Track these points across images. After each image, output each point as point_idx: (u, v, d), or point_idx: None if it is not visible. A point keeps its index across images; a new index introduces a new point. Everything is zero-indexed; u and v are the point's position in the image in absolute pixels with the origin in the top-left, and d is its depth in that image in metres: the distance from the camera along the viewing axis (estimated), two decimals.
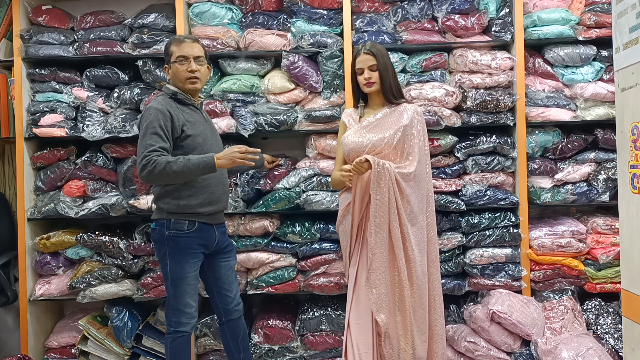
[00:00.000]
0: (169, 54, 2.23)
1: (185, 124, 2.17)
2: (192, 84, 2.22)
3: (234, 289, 2.36)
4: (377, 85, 2.29)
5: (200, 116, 2.29)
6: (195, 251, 2.20)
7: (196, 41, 2.26)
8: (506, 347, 2.63)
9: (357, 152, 2.27)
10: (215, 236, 2.27)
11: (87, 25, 2.90)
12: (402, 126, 2.24)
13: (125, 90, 2.83)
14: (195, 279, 2.23)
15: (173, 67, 2.22)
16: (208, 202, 2.21)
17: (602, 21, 2.76)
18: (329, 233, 2.78)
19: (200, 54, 2.23)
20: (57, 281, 2.88)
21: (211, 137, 2.28)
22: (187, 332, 2.21)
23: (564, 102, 2.82)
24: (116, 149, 2.86)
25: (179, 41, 2.23)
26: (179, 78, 2.22)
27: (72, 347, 2.93)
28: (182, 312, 2.18)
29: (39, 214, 2.86)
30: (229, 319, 2.35)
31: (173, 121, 2.13)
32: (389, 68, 2.29)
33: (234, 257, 2.43)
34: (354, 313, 2.21)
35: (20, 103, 2.86)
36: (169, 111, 2.13)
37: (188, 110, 2.24)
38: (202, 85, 2.29)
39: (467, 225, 2.78)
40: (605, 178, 2.79)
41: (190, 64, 2.20)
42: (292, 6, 2.84)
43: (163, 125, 2.10)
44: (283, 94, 2.83)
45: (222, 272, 2.33)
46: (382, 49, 2.31)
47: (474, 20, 2.81)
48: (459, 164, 2.84)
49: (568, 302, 2.77)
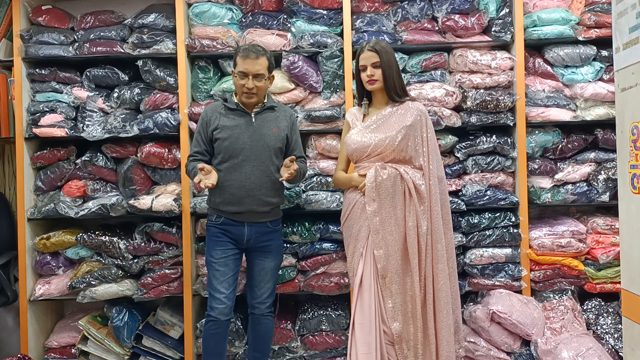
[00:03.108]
0: (235, 63, 2.34)
1: (217, 128, 2.33)
2: (248, 99, 2.33)
3: (262, 287, 2.41)
4: (379, 83, 2.27)
5: (245, 121, 2.34)
6: (221, 240, 2.35)
7: (262, 56, 2.31)
8: (506, 347, 2.63)
9: (360, 152, 2.27)
10: (244, 233, 2.34)
11: (87, 25, 2.90)
12: (405, 126, 2.22)
13: (125, 90, 2.84)
14: (224, 266, 2.33)
15: (234, 78, 2.35)
16: (228, 202, 2.32)
17: (602, 21, 2.76)
18: (329, 233, 2.79)
19: (261, 72, 2.31)
20: (57, 281, 2.88)
21: (249, 141, 2.31)
22: (215, 317, 2.30)
23: (564, 102, 2.82)
24: (116, 149, 2.86)
25: (245, 55, 2.30)
26: (237, 89, 2.35)
27: (72, 347, 2.93)
28: (211, 296, 2.33)
29: (39, 214, 2.86)
30: (252, 312, 2.44)
31: (208, 126, 2.35)
32: (392, 66, 2.26)
33: (272, 260, 2.43)
34: (358, 314, 2.21)
35: (20, 103, 2.86)
36: (208, 116, 2.37)
37: (232, 115, 2.35)
38: (259, 99, 2.36)
39: (467, 225, 2.78)
40: (605, 178, 2.79)
41: (248, 81, 2.28)
42: (292, 6, 2.84)
43: (202, 130, 2.38)
44: (283, 94, 2.83)
45: (255, 269, 2.41)
46: (387, 46, 2.29)
47: (474, 20, 2.81)
48: (459, 164, 2.84)
49: (568, 302, 2.77)
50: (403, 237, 2.20)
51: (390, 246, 2.19)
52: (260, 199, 2.32)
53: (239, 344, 2.80)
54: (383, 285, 2.19)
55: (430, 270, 2.21)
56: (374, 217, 2.20)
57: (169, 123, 2.79)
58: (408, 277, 2.21)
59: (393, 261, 2.18)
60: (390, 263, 2.18)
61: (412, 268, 2.19)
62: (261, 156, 2.32)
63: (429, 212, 2.21)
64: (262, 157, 2.32)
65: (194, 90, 2.90)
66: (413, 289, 2.19)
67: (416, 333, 2.19)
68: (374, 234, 2.20)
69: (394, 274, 2.18)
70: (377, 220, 2.19)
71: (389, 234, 2.19)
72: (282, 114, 2.44)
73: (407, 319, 2.19)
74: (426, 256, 2.20)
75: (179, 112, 2.82)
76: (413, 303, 2.19)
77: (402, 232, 2.20)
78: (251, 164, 2.30)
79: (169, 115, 2.80)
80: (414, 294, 2.19)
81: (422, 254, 2.20)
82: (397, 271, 2.19)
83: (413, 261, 2.18)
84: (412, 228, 2.19)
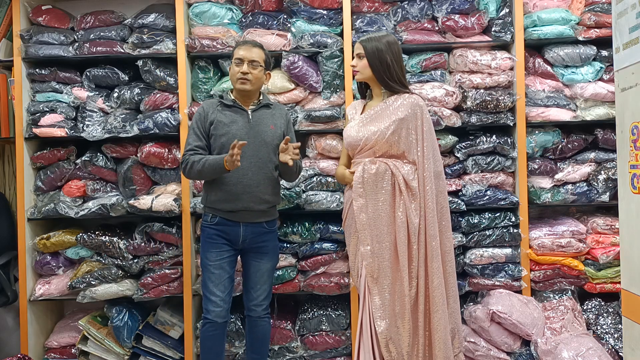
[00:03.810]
0: (232, 55, 2.36)
1: (213, 123, 2.31)
2: (242, 84, 2.31)
3: (258, 289, 2.39)
4: (361, 75, 2.24)
5: (242, 117, 2.32)
6: (216, 242, 2.32)
7: (257, 46, 2.35)
8: (506, 347, 2.63)
9: (353, 146, 2.24)
10: (240, 234, 2.31)
11: (87, 25, 2.90)
12: (397, 119, 2.16)
13: (125, 90, 2.84)
14: (219, 268, 2.30)
15: (231, 67, 2.35)
16: (225, 199, 2.29)
17: (602, 21, 2.76)
18: (329, 233, 2.78)
19: (256, 59, 2.32)
20: (57, 281, 2.88)
21: (246, 138, 2.26)
22: (212, 319, 2.29)
23: (564, 102, 2.82)
24: (116, 149, 2.87)
25: (241, 44, 2.35)
26: (232, 78, 2.34)
27: (72, 347, 2.93)
28: (207, 298, 2.31)
29: (39, 214, 2.86)
30: (249, 315, 2.43)
31: (206, 120, 2.32)
32: (383, 59, 2.18)
33: (268, 261, 2.40)
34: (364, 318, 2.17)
35: (20, 103, 2.86)
36: (205, 110, 2.34)
37: (229, 111, 2.33)
38: (253, 88, 2.34)
39: (467, 225, 2.78)
40: (605, 178, 2.79)
41: (243, 66, 2.29)
42: (292, 6, 2.84)
43: (200, 124, 2.32)
44: (283, 94, 2.83)
45: (250, 271, 2.40)
46: (381, 41, 2.20)
47: (474, 20, 2.81)
48: (459, 164, 2.84)
49: (568, 302, 2.77)
50: (393, 233, 2.15)
51: (378, 242, 2.13)
52: (257, 197, 2.30)
53: (238, 344, 2.80)
54: (371, 283, 2.13)
55: (423, 269, 2.14)
56: (360, 214, 2.15)
57: (169, 123, 2.79)
58: (398, 275, 2.14)
59: (381, 258, 2.13)
60: (377, 260, 2.13)
61: (401, 266, 2.12)
62: (259, 153, 2.30)
63: (422, 209, 2.14)
64: (260, 153, 2.30)
65: (194, 90, 2.90)
66: (402, 287, 2.13)
67: (404, 333, 2.12)
68: (360, 230, 2.15)
69: (381, 271, 2.12)
70: (363, 216, 2.15)
71: (377, 229, 2.14)
72: (278, 111, 2.44)
73: (394, 318, 2.13)
74: (418, 254, 2.13)
75: (179, 112, 2.82)
76: (402, 302, 2.13)
77: (393, 229, 2.15)
78: (249, 161, 2.27)
79: (169, 115, 2.80)
80: (403, 293, 2.12)
81: (413, 251, 2.13)
82: (386, 269, 2.13)
83: (402, 259, 2.12)
84: (402, 224, 2.13)
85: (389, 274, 2.14)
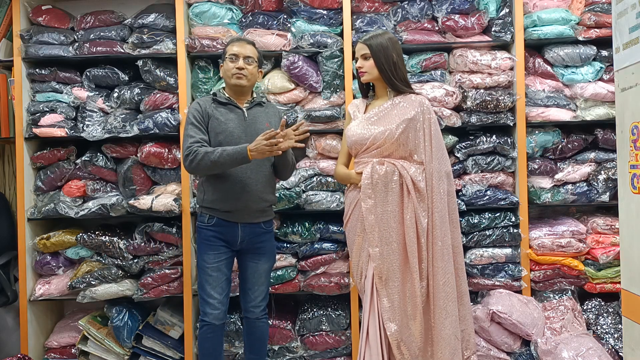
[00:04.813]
0: (225, 52, 2.34)
1: (211, 120, 2.28)
2: (238, 78, 2.29)
3: (256, 290, 2.37)
4: (369, 75, 2.23)
5: (237, 116, 2.31)
6: (213, 244, 2.29)
7: (250, 44, 2.35)
8: (506, 347, 2.63)
9: (359, 144, 2.22)
10: (238, 234, 2.29)
11: (87, 25, 2.90)
12: (407, 119, 2.15)
13: (125, 90, 2.84)
14: (217, 270, 2.28)
15: (224, 64, 2.33)
16: (224, 199, 2.26)
17: (602, 21, 2.76)
18: (329, 233, 2.79)
19: (251, 55, 2.32)
20: (57, 281, 2.88)
21: (244, 136, 2.27)
22: (210, 322, 2.27)
23: (564, 102, 2.82)
24: (116, 149, 2.86)
25: (234, 41, 2.34)
26: (227, 74, 2.31)
27: (72, 347, 2.93)
28: (205, 301, 2.29)
29: (39, 214, 2.86)
30: (246, 316, 2.41)
31: (205, 115, 2.28)
32: (389, 57, 2.18)
33: (266, 262, 2.39)
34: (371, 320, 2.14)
35: (20, 103, 2.86)
36: (202, 106, 2.30)
37: (224, 109, 2.31)
38: (249, 84, 2.33)
39: (467, 225, 2.78)
40: (605, 178, 2.79)
41: (239, 61, 2.28)
42: (292, 6, 2.84)
43: (200, 118, 2.27)
44: (283, 94, 2.83)
45: (248, 272, 2.37)
46: (383, 38, 2.20)
47: (474, 20, 2.81)
48: (459, 164, 2.84)
49: (568, 302, 2.77)
50: (402, 234, 2.14)
51: (387, 244, 2.13)
52: (256, 195, 2.28)
53: (238, 344, 2.80)
54: (379, 284, 2.12)
55: (432, 269, 2.14)
56: (368, 215, 2.14)
57: (169, 123, 2.79)
58: (408, 276, 2.14)
59: (390, 260, 2.12)
60: (386, 261, 2.12)
61: (411, 267, 2.13)
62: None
63: (429, 209, 2.14)
64: None
65: (194, 90, 2.90)
66: (413, 288, 2.12)
67: (416, 334, 2.12)
68: (368, 231, 2.14)
69: (391, 273, 2.12)
70: (372, 217, 2.14)
71: (386, 231, 2.13)
72: (271, 110, 2.44)
73: (406, 320, 2.13)
74: (427, 254, 2.14)
75: (179, 112, 2.82)
76: (413, 303, 2.13)
77: (401, 230, 2.14)
78: None
79: (169, 115, 2.80)
80: (414, 294, 2.12)
81: (423, 252, 2.13)
82: (395, 270, 2.12)
83: (412, 259, 2.12)
84: (411, 226, 2.13)
85: (398, 276, 2.13)
